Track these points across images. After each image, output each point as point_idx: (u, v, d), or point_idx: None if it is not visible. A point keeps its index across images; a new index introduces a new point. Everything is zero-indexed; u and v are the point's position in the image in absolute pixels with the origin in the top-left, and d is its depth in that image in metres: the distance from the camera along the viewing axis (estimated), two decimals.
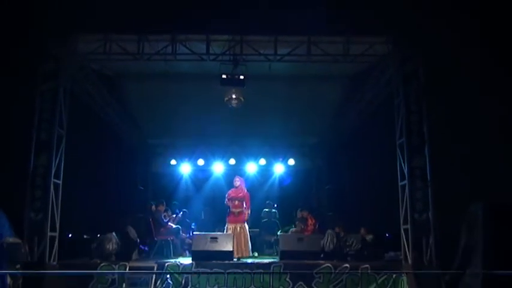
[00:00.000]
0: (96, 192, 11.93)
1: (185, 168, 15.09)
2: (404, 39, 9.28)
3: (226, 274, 8.92)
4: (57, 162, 9.16)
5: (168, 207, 12.03)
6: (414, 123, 9.25)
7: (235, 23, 9.30)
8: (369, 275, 9.01)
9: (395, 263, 9.35)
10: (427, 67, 9.30)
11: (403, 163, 9.36)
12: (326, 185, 14.97)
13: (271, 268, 9.09)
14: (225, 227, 10.70)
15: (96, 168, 12.06)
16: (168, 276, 8.92)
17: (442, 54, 9.57)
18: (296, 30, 9.41)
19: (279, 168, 15.23)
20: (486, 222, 6.69)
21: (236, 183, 10.93)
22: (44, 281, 8.38)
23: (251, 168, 15.04)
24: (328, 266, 9.13)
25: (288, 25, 9.33)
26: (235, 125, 12.50)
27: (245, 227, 10.63)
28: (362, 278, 9.01)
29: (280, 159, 15.13)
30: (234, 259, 9.73)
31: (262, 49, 9.48)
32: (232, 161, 15.00)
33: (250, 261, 9.72)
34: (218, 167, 14.96)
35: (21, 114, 9.42)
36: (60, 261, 9.09)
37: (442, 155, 9.61)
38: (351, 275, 9.03)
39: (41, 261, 8.66)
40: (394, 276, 8.98)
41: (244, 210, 10.67)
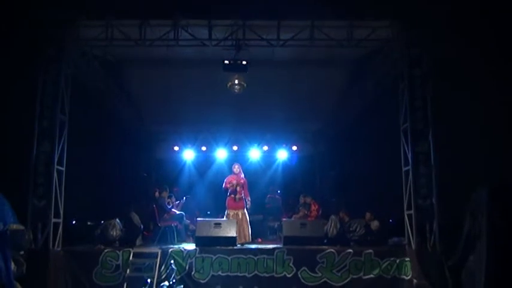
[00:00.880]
0: (99, 178, 11.93)
1: (188, 155, 15.11)
2: (409, 23, 9.19)
3: (230, 259, 9.02)
4: (59, 149, 9.15)
5: (171, 194, 12.05)
6: (418, 108, 9.18)
7: (238, 7, 9.20)
8: (372, 260, 9.05)
9: (399, 248, 9.32)
10: (433, 51, 9.21)
11: (407, 148, 9.31)
12: (329, 171, 14.96)
13: (275, 254, 9.12)
14: (225, 212, 10.69)
15: (99, 155, 12.02)
16: (172, 261, 8.98)
17: (448, 38, 9.43)
18: (299, 14, 9.31)
19: (282, 154, 15.25)
20: (490, 208, 6.67)
21: (236, 170, 10.94)
22: (48, 267, 8.44)
23: (254, 154, 15.07)
24: (331, 251, 9.15)
25: (291, 9, 9.20)
26: (238, 111, 12.44)
27: (246, 213, 10.64)
28: (365, 263, 9.06)
29: (284, 145, 15.13)
30: (238, 245, 9.74)
31: (265, 34, 9.41)
32: (235, 147, 15.02)
33: (253, 246, 9.72)
34: (221, 153, 14.95)
35: (23, 100, 9.37)
36: (64, 247, 9.13)
37: (446, 140, 9.55)
38: (354, 260, 9.08)
39: (44, 248, 8.71)
40: (397, 261, 9.01)
41: (243, 196, 10.68)
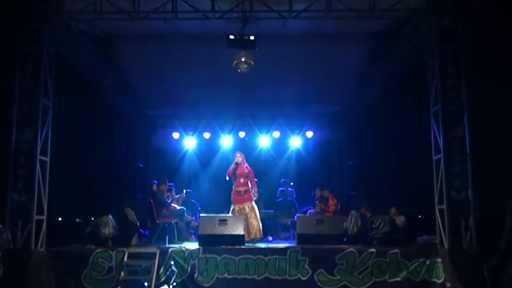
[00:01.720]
0: (89, 170, 11.90)
1: (189, 143, 15.16)
2: None
3: (237, 260, 8.99)
4: (43, 137, 9.08)
5: (171, 186, 12.09)
6: (451, 88, 9.05)
7: None
8: (398, 261, 8.96)
9: (429, 248, 9.19)
10: (467, 23, 9.07)
11: (438, 134, 9.21)
12: (349, 160, 14.93)
13: (288, 254, 9.07)
14: (231, 208, 10.70)
15: (88, 144, 11.98)
16: (172, 262, 8.97)
17: (485, 7, 9.23)
18: None
19: (296, 142, 15.26)
20: None
21: (238, 159, 10.90)
22: (29, 269, 8.37)
23: (264, 141, 15.08)
24: (352, 251, 9.08)
25: None
26: (246, 92, 12.46)
27: (254, 207, 10.62)
28: (391, 264, 8.96)
29: (297, 131, 15.11)
30: (246, 244, 9.72)
31: (275, 5, 9.32)
32: (242, 134, 15.00)
33: (264, 245, 9.66)
34: (226, 141, 14.97)
35: None
36: (49, 248, 9.07)
37: (483, 124, 9.48)
38: (378, 261, 8.98)
39: (25, 248, 8.63)
40: (428, 262, 8.89)
41: (250, 188, 10.69)
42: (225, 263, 8.96)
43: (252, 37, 9.33)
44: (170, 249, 9.11)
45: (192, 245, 9.54)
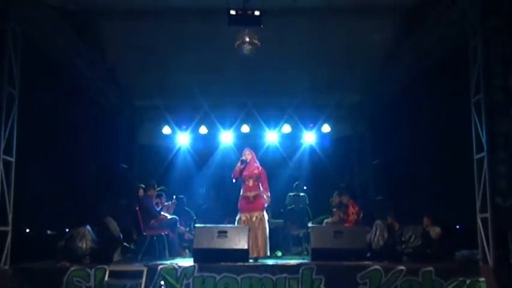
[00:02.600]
0: (63, 172, 11.87)
1: (183, 139, 15.20)
2: None
3: (239, 280, 8.92)
4: (7, 133, 9.08)
5: (161, 192, 12.11)
6: (496, 74, 9.00)
7: None
8: (433, 280, 8.91)
9: (470, 265, 9.18)
10: None
11: (480, 128, 9.20)
12: (373, 159, 14.94)
13: (300, 272, 9.03)
14: (237, 217, 10.55)
15: (62, 141, 11.96)
16: (162, 282, 8.93)
17: None
18: None
19: (309, 137, 15.26)
20: None
21: (247, 157, 10.68)
22: None
23: (271, 137, 15.08)
24: (377, 268, 9.01)
25: None
26: (250, 79, 12.50)
27: (264, 217, 10.48)
28: (424, 284, 8.91)
29: (311, 126, 15.09)
30: (250, 260, 9.72)
31: None
32: (245, 129, 14.96)
33: (271, 262, 9.68)
34: (227, 137, 15.01)
35: None
36: (15, 264, 9.04)
37: None
38: (408, 281, 8.92)
39: None
40: (468, 281, 8.83)
41: (261, 193, 10.49)
42: (225, 283, 8.90)
43: (256, 12, 9.35)
44: (160, 267, 9.08)
45: (186, 262, 9.53)
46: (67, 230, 10.19)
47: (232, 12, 9.33)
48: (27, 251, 9.76)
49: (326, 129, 15.15)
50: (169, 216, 11.52)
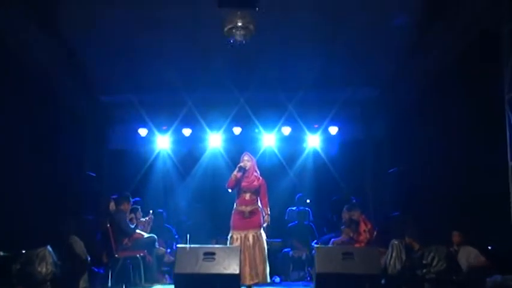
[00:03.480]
0: (17, 182, 11.65)
1: (162, 142, 15.27)
2: None
3: None
4: None
5: (137, 205, 12.23)
6: None
7: None
8: None
9: None
10: None
11: None
12: (390, 168, 14.78)
13: None
14: (229, 236, 10.53)
15: (15, 144, 11.71)
16: None
17: None
18: None
19: (313, 141, 15.29)
20: None
21: (247, 164, 10.63)
22: None
23: (268, 140, 15.14)
24: None
25: None
26: (243, 71, 12.53)
27: (261, 237, 10.48)
28: None
29: (315, 126, 15.13)
30: (243, 287, 9.75)
31: None
32: (237, 130, 15.00)
33: None
34: (215, 140, 15.08)
35: None
36: None
37: None
38: None
39: None
40: None
41: (259, 208, 10.48)
42: None
43: None
44: None
45: None
46: (23, 251, 10.03)
47: None
48: None
49: (334, 131, 15.16)
50: (146, 235, 11.57)
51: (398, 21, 11.09)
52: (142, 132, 15.09)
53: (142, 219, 11.93)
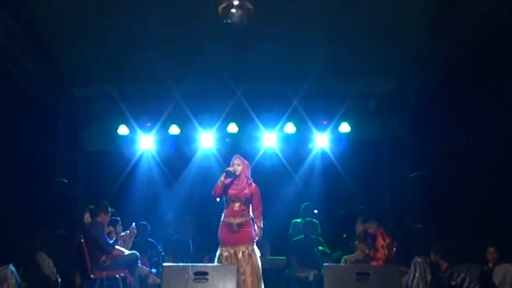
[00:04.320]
0: None
1: (146, 142, 15.38)
2: None
3: None
4: None
5: (115, 217, 12.28)
6: None
7: None
8: None
9: None
10: None
11: None
12: (412, 171, 14.83)
13: None
14: (217, 253, 10.48)
15: None
16: None
17: None
18: None
19: (322, 140, 15.37)
20: None
21: (236, 168, 10.49)
22: None
23: (269, 140, 15.20)
24: None
25: None
26: (239, 58, 12.71)
27: (254, 253, 10.38)
28: None
29: (324, 123, 15.16)
30: None
31: None
32: (233, 128, 15.08)
33: None
34: (207, 139, 15.21)
35: None
36: None
37: None
38: None
39: None
40: None
41: (250, 220, 10.39)
42: None
43: None
44: None
45: None
46: None
47: None
48: None
49: (345, 128, 15.21)
50: (126, 252, 11.53)
51: None
52: (123, 130, 15.13)
53: (123, 233, 11.83)
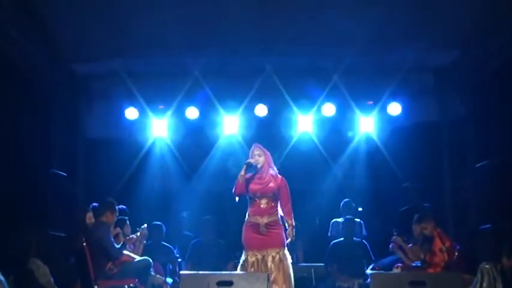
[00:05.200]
0: None
1: (159, 128, 15.37)
2: None
3: None
4: None
5: (124, 217, 12.39)
6: None
7: None
8: None
9: None
10: None
11: None
12: (477, 161, 14.61)
13: None
14: (242, 258, 10.52)
15: None
16: None
17: None
18: None
19: (367, 124, 15.42)
20: None
21: (257, 160, 10.49)
22: None
23: (304, 124, 15.26)
24: None
25: None
26: (269, 27, 12.70)
27: (286, 258, 10.37)
28: None
29: (370, 104, 15.15)
30: None
31: None
32: (261, 110, 15.06)
33: None
34: (231, 124, 15.37)
35: None
36: None
37: None
38: None
39: None
40: None
41: (280, 220, 10.36)
42: None
43: None
44: None
45: None
46: None
47: None
48: None
49: (395, 110, 15.19)
50: (136, 258, 11.62)
51: None
52: (131, 113, 15.12)
53: (133, 236, 11.89)
